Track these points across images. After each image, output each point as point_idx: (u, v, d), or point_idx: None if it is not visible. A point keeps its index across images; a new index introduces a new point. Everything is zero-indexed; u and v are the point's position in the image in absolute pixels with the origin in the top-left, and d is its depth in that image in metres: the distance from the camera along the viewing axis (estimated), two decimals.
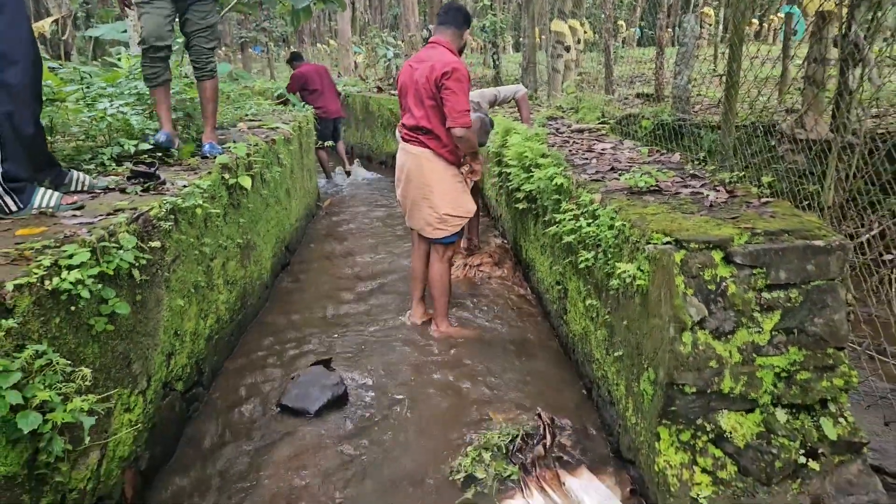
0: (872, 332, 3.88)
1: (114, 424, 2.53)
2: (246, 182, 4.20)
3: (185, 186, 3.44)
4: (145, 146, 3.97)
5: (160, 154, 4.14)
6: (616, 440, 3.04)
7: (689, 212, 2.73)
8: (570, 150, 4.35)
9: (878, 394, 3.18)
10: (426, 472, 3.00)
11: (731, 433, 2.44)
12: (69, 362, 2.04)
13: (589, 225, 3.10)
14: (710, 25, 20.73)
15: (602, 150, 4.26)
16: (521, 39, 11.88)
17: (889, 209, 4.16)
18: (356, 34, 24.47)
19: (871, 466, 2.57)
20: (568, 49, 13.22)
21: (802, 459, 2.43)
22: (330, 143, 9.28)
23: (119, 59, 6.42)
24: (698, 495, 2.43)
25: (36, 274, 2.07)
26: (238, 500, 2.83)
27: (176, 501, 2.84)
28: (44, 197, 2.80)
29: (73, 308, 2.23)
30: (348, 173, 10.10)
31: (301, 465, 3.06)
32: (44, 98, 3.85)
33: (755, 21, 23.54)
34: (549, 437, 3.11)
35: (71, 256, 2.24)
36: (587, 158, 4.04)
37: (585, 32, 17.66)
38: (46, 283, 2.11)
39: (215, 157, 4.13)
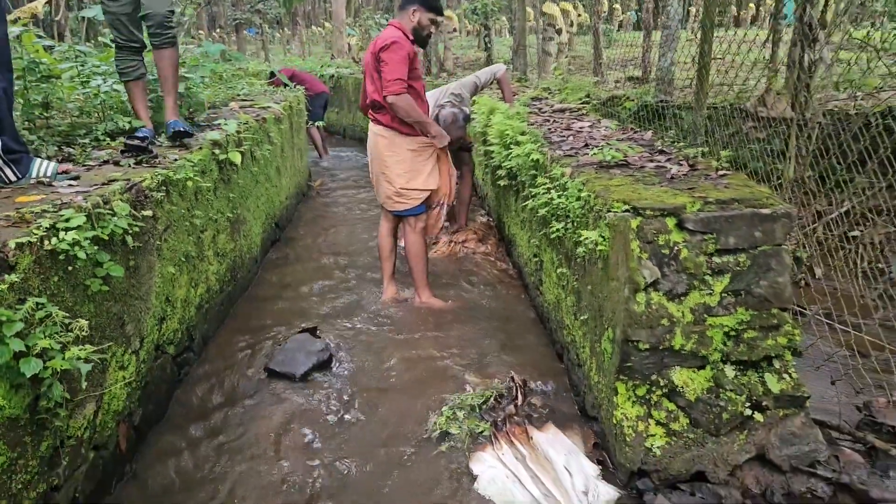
0: (836, 304, 4.07)
1: (108, 380, 2.71)
2: (235, 158, 4.35)
3: (176, 160, 3.60)
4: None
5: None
6: (582, 399, 3.23)
7: (651, 183, 2.91)
8: (549, 129, 4.51)
9: (823, 357, 3.39)
10: (403, 430, 3.19)
11: (683, 388, 2.62)
12: (67, 314, 2.22)
13: (559, 197, 3.27)
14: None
15: (580, 128, 4.43)
16: (513, 23, 11.97)
17: (841, 187, 4.34)
18: (350, 16, 24.47)
19: (814, 420, 2.76)
20: (559, 32, 13.28)
21: (748, 412, 2.62)
22: (320, 122, 9.43)
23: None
24: (652, 445, 2.62)
25: (36, 234, 2.24)
26: (226, 456, 3.01)
27: (167, 456, 3.02)
28: (41, 167, 2.95)
29: (70, 268, 2.40)
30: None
31: (286, 425, 3.24)
32: (39, 75, 4.01)
33: (752, 5, 23.61)
34: (520, 397, 3.31)
35: (68, 220, 2.41)
36: (564, 136, 4.20)
37: (579, 15, 17.72)
38: (45, 243, 2.27)
39: (189, 136, 4.05)
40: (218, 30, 28.79)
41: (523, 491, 2.69)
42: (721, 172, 2.98)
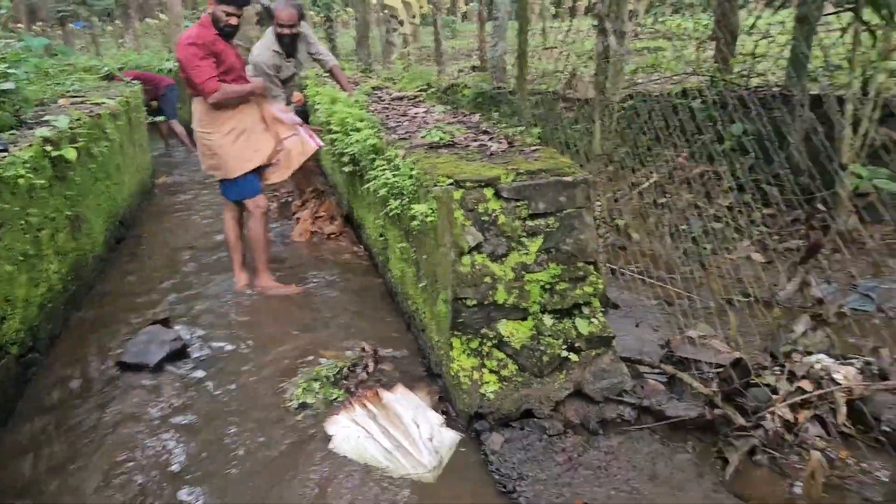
0: (652, 262, 4.66)
1: None
2: (70, 154, 4.26)
3: (4, 156, 3.51)
4: None
5: None
6: (428, 360, 3.53)
7: (473, 160, 3.24)
8: (386, 115, 4.77)
9: (636, 307, 3.91)
10: (262, 404, 3.34)
11: (509, 337, 2.98)
12: None
13: (395, 176, 3.54)
14: (541, 1, 21.94)
15: (415, 114, 4.72)
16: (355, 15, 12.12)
17: (652, 161, 4.95)
18: (189, 8, 23.49)
19: (621, 357, 3.22)
20: (402, 23, 13.57)
21: (565, 354, 3.02)
22: (161, 117, 9.16)
23: None
24: (486, 391, 2.96)
25: None
26: (80, 450, 3.02)
27: (16, 453, 3.00)
28: None
29: None
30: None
31: (142, 411, 3.29)
32: None
33: None
34: (371, 364, 3.56)
35: None
36: (400, 121, 4.48)
37: (422, 7, 18.14)
38: None
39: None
40: (39, 23, 26.65)
41: (375, 444, 2.95)
42: (533, 148, 3.37)
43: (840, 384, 2.96)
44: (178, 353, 3.79)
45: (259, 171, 4.55)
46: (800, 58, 4.97)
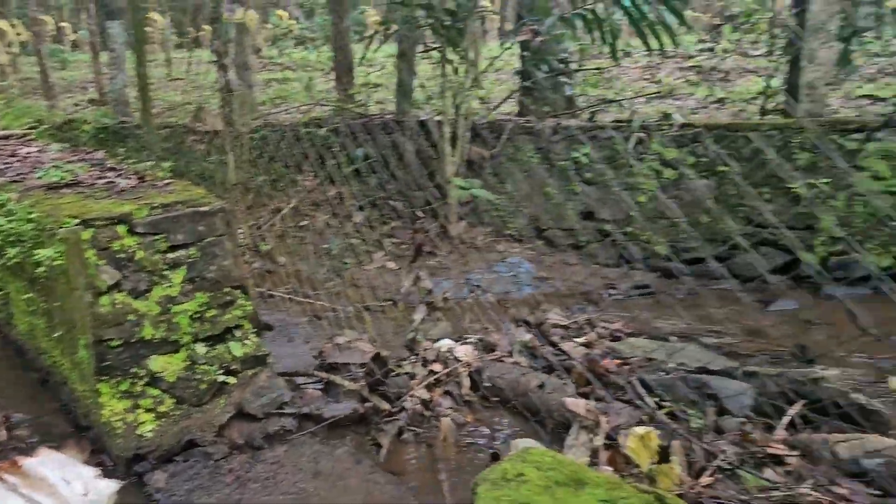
0: (297, 282, 4.92)
1: None
2: None
3: None
4: None
5: None
6: (74, 414, 3.29)
7: (102, 197, 3.13)
8: None
9: (280, 323, 4.15)
10: None
11: (162, 372, 2.95)
12: None
13: (10, 222, 3.23)
14: (162, 30, 21.17)
15: (27, 153, 4.32)
16: None
17: (292, 187, 5.26)
18: None
19: (279, 372, 3.41)
20: None
21: (223, 378, 3.10)
22: None
23: None
24: (143, 431, 2.90)
25: None
26: None
27: None
28: None
29: None
30: None
31: None
32: None
33: (206, 27, 24.76)
34: (3, 432, 3.19)
35: None
36: (10, 162, 4.07)
37: (19, 34, 16.16)
38: None
39: None
40: None
41: None
42: (166, 182, 3.38)
43: (461, 361, 3.55)
44: None
45: None
46: (404, 88, 5.73)
